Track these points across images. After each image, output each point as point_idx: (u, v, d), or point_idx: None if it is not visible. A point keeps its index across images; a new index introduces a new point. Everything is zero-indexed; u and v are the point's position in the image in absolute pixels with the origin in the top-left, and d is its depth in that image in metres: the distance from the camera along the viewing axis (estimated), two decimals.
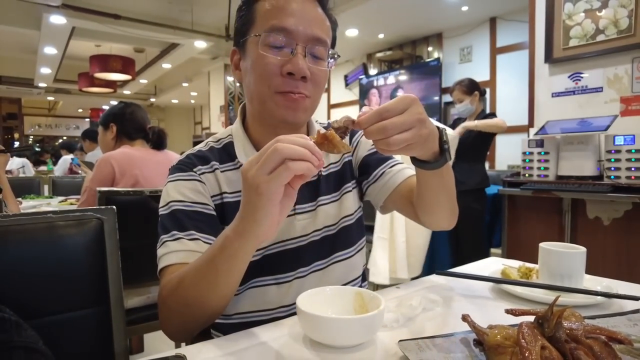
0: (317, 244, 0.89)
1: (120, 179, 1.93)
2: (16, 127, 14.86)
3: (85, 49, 8.57)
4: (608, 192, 2.21)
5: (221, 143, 0.91)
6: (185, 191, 0.82)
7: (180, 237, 0.76)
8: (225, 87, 8.88)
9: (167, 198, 0.82)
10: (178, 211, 0.79)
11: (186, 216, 0.79)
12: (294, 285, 0.86)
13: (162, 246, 0.77)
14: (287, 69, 0.77)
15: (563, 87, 2.81)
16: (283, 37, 0.78)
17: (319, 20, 0.82)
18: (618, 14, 2.52)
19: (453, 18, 5.84)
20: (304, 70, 0.77)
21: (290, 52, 0.78)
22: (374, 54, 7.29)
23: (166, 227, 0.79)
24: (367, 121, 0.60)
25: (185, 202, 0.80)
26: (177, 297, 0.69)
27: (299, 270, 0.87)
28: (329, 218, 0.91)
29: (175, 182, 0.84)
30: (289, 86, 0.78)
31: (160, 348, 2.47)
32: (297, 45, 0.78)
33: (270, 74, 0.78)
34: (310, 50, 0.80)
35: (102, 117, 2.23)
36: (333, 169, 0.95)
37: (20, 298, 0.71)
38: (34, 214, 0.78)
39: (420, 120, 0.62)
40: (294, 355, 0.59)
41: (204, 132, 11.37)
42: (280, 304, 0.86)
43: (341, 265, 0.92)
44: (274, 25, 0.77)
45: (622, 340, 0.50)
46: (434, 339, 0.57)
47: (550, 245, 0.83)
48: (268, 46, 0.78)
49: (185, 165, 0.86)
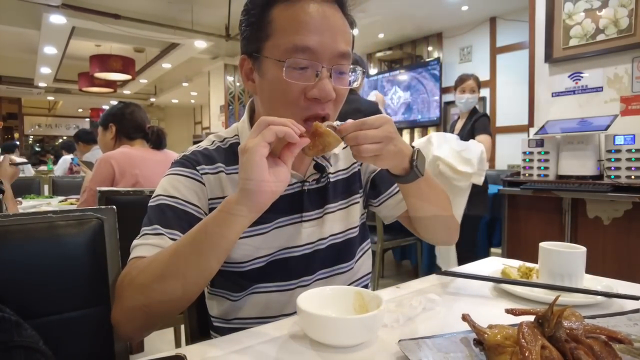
0: (323, 253, 0.88)
1: (120, 179, 1.93)
2: (16, 127, 14.87)
3: (85, 49, 8.57)
4: (608, 192, 2.21)
5: (227, 143, 0.88)
6: (181, 187, 0.79)
7: (162, 234, 0.74)
8: (225, 87, 8.88)
9: (161, 190, 0.79)
10: (167, 207, 0.77)
11: (174, 214, 0.76)
12: (296, 294, 0.84)
13: (141, 237, 0.75)
14: (313, 95, 0.73)
15: (563, 86, 2.81)
16: (307, 58, 0.72)
17: (342, 30, 0.76)
18: (618, 13, 2.52)
19: (453, 18, 5.84)
20: (330, 95, 0.74)
21: (314, 74, 0.73)
22: (374, 54, 7.29)
23: (150, 220, 0.76)
24: (346, 129, 0.69)
25: (178, 199, 0.78)
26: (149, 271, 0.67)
27: (303, 278, 0.86)
28: (335, 226, 0.90)
29: (174, 175, 0.81)
30: (315, 110, 0.75)
31: (160, 348, 2.47)
32: (323, 67, 0.73)
33: (294, 99, 0.74)
34: (336, 69, 0.75)
35: (102, 117, 2.24)
36: (341, 176, 0.94)
37: (20, 298, 0.71)
38: (34, 213, 0.78)
39: (388, 137, 0.70)
40: (295, 355, 0.59)
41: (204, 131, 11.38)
42: (282, 312, 0.85)
43: (344, 276, 0.92)
44: (296, 45, 0.71)
45: (622, 340, 0.50)
46: (434, 339, 0.57)
47: (551, 244, 0.83)
48: (290, 68, 0.72)
49: (189, 161, 0.83)
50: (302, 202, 0.86)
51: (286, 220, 0.85)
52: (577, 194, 2.35)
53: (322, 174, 0.88)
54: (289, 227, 0.85)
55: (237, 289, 0.85)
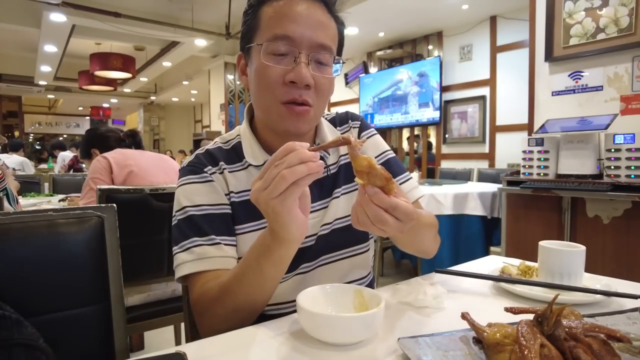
0: (324, 238, 0.88)
1: (118, 171, 2.01)
2: (16, 125, 14.87)
3: (86, 47, 8.57)
4: (608, 191, 2.21)
5: (230, 144, 0.90)
6: (199, 194, 0.82)
7: (202, 244, 0.78)
8: (225, 85, 8.88)
9: (183, 202, 0.82)
10: (195, 216, 0.80)
11: (204, 220, 0.80)
12: (298, 280, 0.86)
13: (185, 252, 0.78)
14: (289, 78, 0.77)
15: (563, 85, 2.81)
16: (285, 45, 0.77)
17: (324, 25, 0.80)
18: (618, 12, 2.51)
19: (453, 16, 5.83)
20: (306, 79, 0.77)
21: (293, 60, 0.77)
22: (374, 52, 7.28)
23: (184, 233, 0.79)
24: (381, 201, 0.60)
25: (200, 205, 0.81)
26: (225, 305, 0.72)
27: (302, 265, 0.86)
28: (340, 210, 0.90)
29: (189, 185, 0.84)
30: (292, 95, 0.78)
31: (160, 345, 2.47)
32: (300, 53, 0.77)
33: (273, 83, 0.78)
34: (314, 57, 0.79)
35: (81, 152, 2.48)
36: (345, 160, 0.94)
37: (20, 296, 0.72)
38: (35, 211, 0.78)
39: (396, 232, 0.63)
40: (294, 352, 0.59)
41: (204, 130, 11.37)
42: (286, 299, 0.85)
43: (359, 258, 0.92)
44: (276, 34, 0.77)
45: (621, 339, 0.50)
46: (433, 337, 0.58)
47: (550, 243, 0.83)
48: (271, 55, 0.77)
49: (196, 166, 0.85)
50: None
51: None
52: (576, 192, 2.35)
53: None
54: None
55: None
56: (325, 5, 0.82)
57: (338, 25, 0.85)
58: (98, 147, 2.34)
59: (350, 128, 0.98)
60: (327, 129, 0.94)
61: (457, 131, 6.17)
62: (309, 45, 0.77)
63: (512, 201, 2.71)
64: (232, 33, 6.98)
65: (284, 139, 0.84)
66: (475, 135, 5.93)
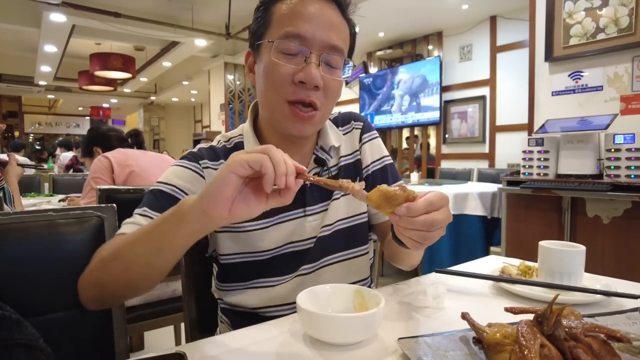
0: (325, 240, 0.88)
1: (119, 171, 2.02)
2: (16, 125, 14.86)
3: (86, 47, 8.56)
4: (608, 191, 2.21)
5: (232, 142, 0.90)
6: (180, 177, 0.81)
7: (149, 216, 0.74)
8: (225, 86, 8.87)
9: (162, 178, 0.81)
10: (161, 192, 0.78)
11: (167, 200, 0.76)
12: (297, 281, 0.86)
13: (131, 217, 0.75)
14: (299, 78, 0.75)
15: (563, 85, 2.81)
16: (297, 44, 0.75)
17: (337, 27, 0.79)
18: (618, 12, 2.51)
19: (453, 16, 5.82)
20: (316, 80, 0.76)
21: (303, 60, 0.76)
22: (374, 52, 7.27)
23: (144, 202, 0.77)
24: (417, 210, 0.57)
25: (174, 186, 0.79)
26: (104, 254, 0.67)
27: (302, 267, 0.86)
28: (341, 211, 0.89)
29: (177, 166, 0.83)
30: (300, 95, 0.77)
31: (160, 346, 2.47)
32: (312, 53, 0.76)
33: (281, 81, 0.76)
34: (325, 59, 0.78)
35: (82, 150, 2.47)
36: (346, 161, 0.93)
37: (21, 296, 0.72)
38: (35, 212, 0.78)
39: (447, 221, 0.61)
40: (294, 353, 0.59)
41: (204, 130, 11.37)
42: (286, 301, 0.85)
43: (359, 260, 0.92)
44: (288, 32, 0.75)
45: (621, 339, 0.50)
46: (433, 337, 0.58)
47: (550, 243, 0.83)
48: (281, 53, 0.76)
49: (193, 155, 0.86)
50: (305, 197, 0.87)
51: (289, 216, 0.86)
52: (576, 192, 2.35)
53: (322, 167, 0.89)
54: (291, 222, 0.86)
55: (241, 279, 0.86)
56: (339, 7, 0.81)
57: (350, 29, 0.84)
58: (100, 146, 2.35)
59: (352, 129, 0.98)
60: (331, 133, 0.93)
61: (457, 131, 6.17)
62: (320, 46, 0.76)
63: (512, 201, 2.71)
64: (232, 33, 6.97)
65: (287, 140, 0.84)
66: (475, 135, 5.93)
